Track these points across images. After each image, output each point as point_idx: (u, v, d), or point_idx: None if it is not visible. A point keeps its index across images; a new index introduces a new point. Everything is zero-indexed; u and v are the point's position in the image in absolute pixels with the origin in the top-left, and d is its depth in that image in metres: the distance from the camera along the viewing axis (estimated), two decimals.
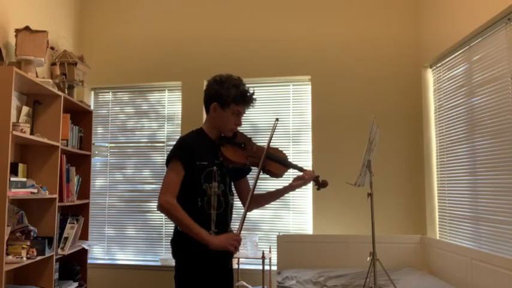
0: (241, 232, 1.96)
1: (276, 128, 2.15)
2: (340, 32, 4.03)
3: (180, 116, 4.20)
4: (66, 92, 3.63)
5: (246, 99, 2.06)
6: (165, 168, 2.02)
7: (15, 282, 3.14)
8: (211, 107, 2.06)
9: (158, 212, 4.10)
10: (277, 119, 2.21)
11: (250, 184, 2.24)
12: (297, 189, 2.15)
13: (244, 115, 2.13)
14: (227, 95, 2.02)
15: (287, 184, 2.14)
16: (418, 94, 3.86)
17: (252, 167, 2.15)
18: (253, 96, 2.08)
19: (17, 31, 3.16)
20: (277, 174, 2.09)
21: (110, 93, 4.44)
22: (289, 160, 2.16)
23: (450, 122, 3.43)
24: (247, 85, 2.09)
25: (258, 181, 2.02)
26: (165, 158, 2.06)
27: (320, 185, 2.12)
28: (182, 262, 1.99)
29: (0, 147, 2.65)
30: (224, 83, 2.04)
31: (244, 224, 1.98)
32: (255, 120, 4.11)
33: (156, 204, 1.97)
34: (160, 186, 3.54)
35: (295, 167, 2.13)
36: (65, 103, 3.40)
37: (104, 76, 4.35)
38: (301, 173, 2.12)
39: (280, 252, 3.71)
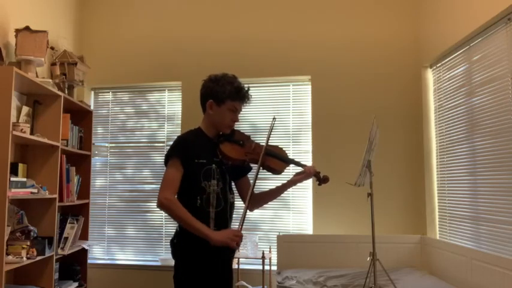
0: (241, 233, 1.95)
1: (273, 127, 2.15)
2: (340, 32, 4.03)
3: (180, 116, 4.20)
4: (66, 92, 3.63)
5: (241, 95, 2.07)
6: (165, 167, 2.02)
7: (15, 282, 3.14)
8: (207, 104, 2.07)
9: (158, 212, 4.17)
10: (274, 118, 2.21)
11: (251, 182, 2.24)
12: (297, 184, 2.14)
13: (244, 115, 2.14)
14: (222, 91, 2.04)
15: (287, 181, 2.14)
16: (418, 94, 3.86)
17: (252, 164, 2.15)
18: (249, 92, 2.09)
19: (17, 31, 3.16)
20: (277, 170, 2.08)
21: (110, 93, 4.44)
22: (288, 156, 2.16)
23: (450, 122, 3.43)
24: (245, 84, 2.11)
25: (259, 180, 2.02)
26: (164, 159, 2.06)
27: (321, 180, 2.11)
28: (182, 262, 1.99)
29: (0, 147, 2.65)
30: (219, 81, 2.06)
31: (244, 224, 1.98)
32: (254, 120, 4.11)
33: (156, 202, 1.97)
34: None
35: (296, 162, 2.12)
36: (65, 103, 3.40)
37: (104, 76, 4.35)
38: (301, 169, 2.11)
39: (280, 252, 3.71)
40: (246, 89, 2.09)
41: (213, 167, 2.02)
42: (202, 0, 4.28)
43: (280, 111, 4.10)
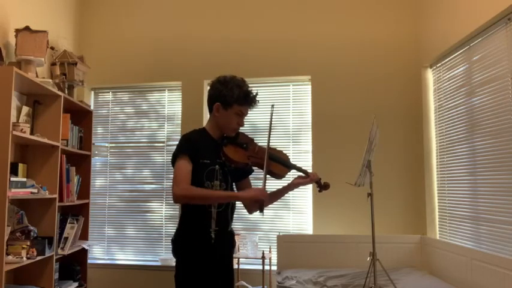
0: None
1: (273, 114, 2.15)
2: (340, 32, 4.03)
3: (180, 116, 4.20)
4: (66, 92, 3.63)
5: (249, 100, 2.07)
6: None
7: (15, 282, 3.14)
8: (214, 106, 2.07)
9: (158, 211, 4.17)
10: (273, 106, 2.25)
11: (252, 184, 2.24)
12: (296, 189, 2.16)
13: (246, 116, 2.14)
14: (230, 95, 2.03)
15: (287, 184, 2.15)
16: (418, 94, 3.86)
17: (254, 167, 2.16)
18: (256, 98, 2.10)
19: (17, 31, 3.16)
20: (278, 175, 2.09)
21: (110, 93, 4.44)
22: (291, 161, 2.16)
23: (450, 122, 3.43)
24: (249, 86, 2.11)
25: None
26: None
27: (322, 187, 2.13)
28: (183, 261, 2.00)
29: (0, 147, 2.65)
30: (228, 84, 2.05)
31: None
32: (255, 121, 4.11)
33: (172, 197, 1.92)
34: (160, 186, 3.53)
35: (298, 168, 2.13)
36: (65, 103, 3.40)
37: (104, 76, 4.35)
38: (303, 174, 2.13)
39: (280, 252, 3.71)
40: (254, 93, 2.09)
41: (216, 167, 2.02)
42: (202, 0, 4.28)
43: (280, 111, 4.11)
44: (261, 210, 1.95)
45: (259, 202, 1.93)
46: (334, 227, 3.85)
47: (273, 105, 2.24)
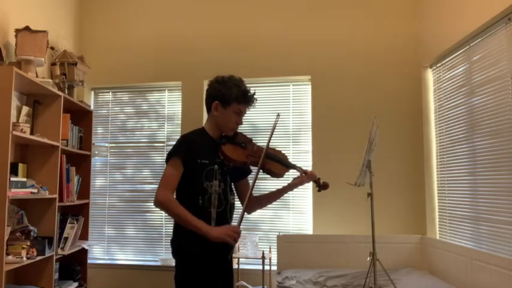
0: (241, 233, 1.96)
1: (277, 124, 2.15)
2: (340, 32, 4.03)
3: (180, 116, 4.20)
4: (66, 92, 3.63)
5: (247, 99, 2.08)
6: (165, 166, 2.03)
7: (15, 282, 3.14)
8: (212, 105, 2.08)
9: (158, 212, 4.17)
10: (278, 115, 2.23)
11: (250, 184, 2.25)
12: (296, 188, 2.17)
13: (245, 115, 2.15)
14: (229, 94, 2.04)
15: (286, 184, 2.16)
16: (418, 94, 3.86)
17: (253, 167, 2.16)
18: (254, 96, 2.11)
19: (17, 31, 3.16)
20: (277, 174, 2.09)
21: (110, 93, 4.44)
22: (289, 161, 2.17)
23: (450, 122, 3.43)
24: (248, 85, 2.12)
25: (258, 181, 2.03)
26: (166, 157, 2.06)
27: (321, 186, 2.13)
28: (182, 261, 1.99)
29: (0, 147, 2.65)
30: (226, 83, 2.07)
31: (245, 224, 1.99)
32: (255, 120, 4.11)
33: (153, 201, 1.96)
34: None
35: (296, 167, 2.13)
36: (65, 103, 3.40)
37: (104, 76, 4.35)
38: (302, 173, 2.13)
39: (280, 252, 3.71)
40: (252, 92, 2.10)
41: (215, 167, 2.02)
42: (202, 1, 4.28)
43: (280, 111, 4.09)
44: (229, 249, 2.00)
45: (227, 242, 1.90)
46: (334, 227, 3.85)
47: (278, 115, 2.24)
